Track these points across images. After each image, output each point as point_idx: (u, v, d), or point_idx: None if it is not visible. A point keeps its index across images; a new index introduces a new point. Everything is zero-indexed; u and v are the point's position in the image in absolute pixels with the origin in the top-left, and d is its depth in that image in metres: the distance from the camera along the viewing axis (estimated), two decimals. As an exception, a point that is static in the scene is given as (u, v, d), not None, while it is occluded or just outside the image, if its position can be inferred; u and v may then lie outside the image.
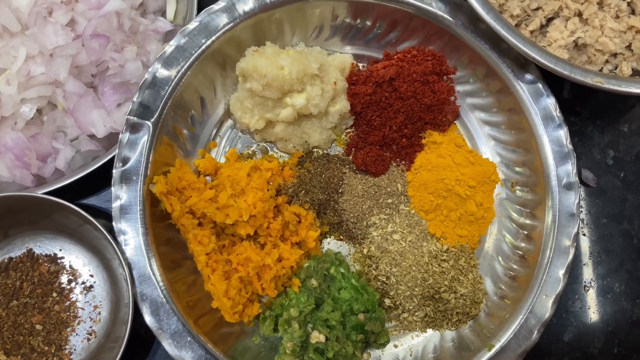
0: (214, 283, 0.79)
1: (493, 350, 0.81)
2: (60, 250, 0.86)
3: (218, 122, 0.91)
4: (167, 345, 0.76)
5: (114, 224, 0.78)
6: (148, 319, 0.76)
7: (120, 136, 0.79)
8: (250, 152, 0.91)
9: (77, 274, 0.86)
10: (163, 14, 0.90)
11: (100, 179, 0.84)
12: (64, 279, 0.85)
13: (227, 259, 0.82)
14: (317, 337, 0.79)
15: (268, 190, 0.83)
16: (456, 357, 0.84)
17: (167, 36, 0.90)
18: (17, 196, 0.77)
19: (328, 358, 0.79)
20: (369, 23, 0.91)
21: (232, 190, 0.82)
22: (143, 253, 0.78)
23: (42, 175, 0.83)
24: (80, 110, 0.82)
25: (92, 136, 0.86)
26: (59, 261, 0.86)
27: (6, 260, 0.84)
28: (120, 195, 0.78)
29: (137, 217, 0.79)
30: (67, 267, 0.86)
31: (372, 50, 0.95)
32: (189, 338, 0.77)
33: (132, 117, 0.79)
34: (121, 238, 0.78)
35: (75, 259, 0.86)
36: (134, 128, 0.80)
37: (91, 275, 0.86)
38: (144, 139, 0.80)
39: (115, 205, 0.78)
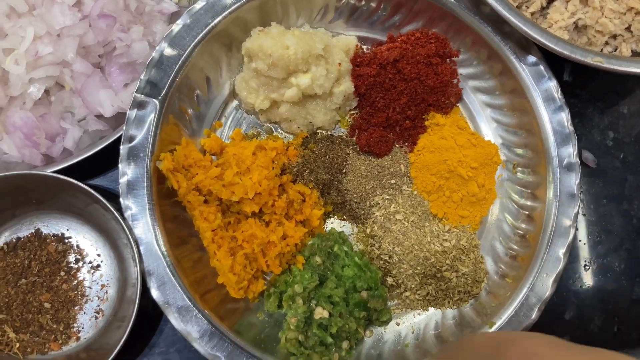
0: (220, 259, 0.80)
1: (494, 328, 0.82)
2: (68, 230, 0.87)
3: (223, 103, 0.92)
4: (174, 320, 0.77)
5: (120, 200, 0.79)
6: (155, 293, 0.77)
7: (127, 113, 0.80)
8: (255, 133, 0.93)
9: (84, 253, 0.87)
10: (166, -6, 0.91)
11: (107, 160, 0.86)
12: (71, 258, 0.86)
13: (233, 235, 0.83)
14: (320, 313, 0.80)
15: (273, 168, 0.84)
16: (457, 334, 0.85)
17: (172, 18, 0.91)
18: (26, 174, 0.78)
19: (331, 333, 0.80)
20: (373, 5, 0.92)
21: (238, 168, 0.83)
22: (150, 229, 0.79)
23: (50, 155, 0.84)
24: (87, 90, 0.83)
25: (99, 116, 0.87)
26: (66, 241, 0.87)
27: (14, 240, 0.85)
28: (127, 172, 0.79)
29: (143, 193, 0.80)
30: (75, 246, 0.87)
31: (376, 32, 0.96)
32: (195, 312, 0.78)
33: (139, 95, 0.80)
34: (128, 214, 0.79)
35: (82, 238, 0.87)
36: (141, 105, 0.81)
37: (98, 255, 0.87)
38: (150, 116, 0.81)
39: (123, 181, 0.79)
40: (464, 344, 0.56)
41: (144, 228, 0.79)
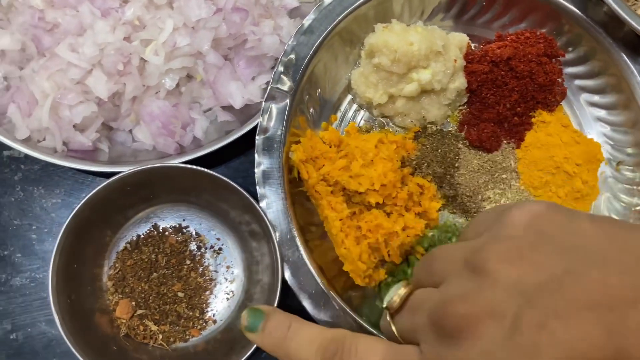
0: (348, 247, 0.83)
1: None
2: (184, 220, 0.90)
3: (338, 98, 0.95)
4: (307, 305, 0.80)
5: (257, 188, 0.81)
6: (289, 278, 0.80)
7: (262, 105, 0.83)
8: (368, 127, 0.95)
9: (204, 239, 0.89)
10: (284, -12, 0.93)
11: (226, 150, 0.88)
12: (192, 246, 0.88)
13: (357, 225, 0.85)
14: (441, 301, 0.83)
15: (397, 161, 0.86)
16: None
17: (292, 12, 0.93)
18: (173, 167, 0.81)
19: (451, 322, 0.83)
20: (483, 4, 0.95)
21: (362, 160, 0.85)
22: (284, 217, 0.82)
23: (181, 144, 0.87)
24: (219, 81, 0.86)
25: (225, 107, 0.89)
26: (184, 230, 0.89)
27: (135, 238, 0.88)
28: (263, 162, 0.82)
29: (277, 182, 0.82)
30: (194, 234, 0.89)
31: (483, 31, 0.99)
32: (326, 298, 0.80)
33: (275, 87, 0.83)
34: (263, 203, 0.81)
35: (199, 225, 0.90)
36: (275, 98, 0.83)
37: (218, 239, 0.90)
38: (284, 108, 0.84)
39: (258, 170, 0.82)
40: (471, 222, 0.58)
41: (278, 215, 0.82)
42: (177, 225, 0.89)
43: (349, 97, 0.95)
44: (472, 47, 0.98)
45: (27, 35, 0.82)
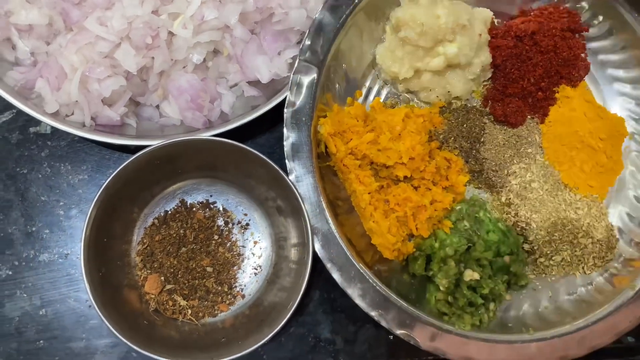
0: (377, 220, 0.83)
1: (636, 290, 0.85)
2: (211, 196, 0.90)
3: (362, 74, 0.94)
4: (337, 277, 0.80)
5: (286, 162, 0.81)
6: (320, 250, 0.80)
7: (291, 78, 0.83)
8: (394, 102, 0.95)
9: (232, 215, 0.89)
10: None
11: (253, 124, 0.88)
12: (220, 221, 0.88)
13: (386, 199, 0.85)
14: (471, 275, 0.83)
15: (425, 134, 0.86)
16: (595, 297, 0.88)
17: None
18: (205, 140, 0.80)
19: (482, 294, 0.83)
20: (507, -21, 0.95)
21: (390, 134, 0.85)
22: (314, 190, 0.81)
23: (209, 119, 0.86)
24: (246, 56, 0.85)
25: (250, 82, 0.89)
26: (212, 206, 0.89)
27: (162, 214, 0.87)
28: (291, 135, 0.82)
29: (306, 156, 0.82)
30: (221, 209, 0.89)
31: (505, 7, 0.98)
32: (355, 270, 0.80)
33: (303, 61, 0.83)
34: (292, 176, 0.81)
35: (226, 201, 0.90)
36: (303, 71, 0.83)
37: (245, 214, 0.89)
38: (312, 82, 0.83)
39: (287, 143, 0.82)
40: None
41: (308, 188, 0.81)
42: (205, 201, 0.89)
43: (374, 72, 0.95)
44: (496, 23, 0.98)
45: (55, 10, 0.82)
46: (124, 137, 0.82)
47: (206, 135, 0.82)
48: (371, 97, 0.95)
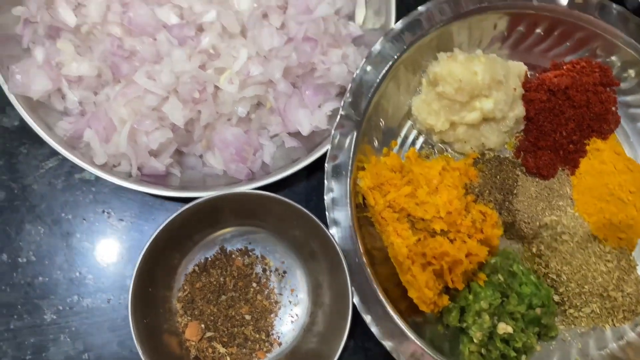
0: (415, 274, 0.85)
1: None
2: (250, 243, 0.92)
3: (398, 124, 0.97)
4: (374, 329, 0.82)
5: (327, 214, 0.83)
6: (358, 303, 0.81)
7: (332, 133, 0.85)
8: (428, 152, 0.97)
9: (270, 262, 0.91)
10: (350, 18, 0.95)
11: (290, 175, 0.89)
12: (258, 269, 0.90)
13: (422, 252, 0.87)
14: (504, 328, 0.85)
15: (462, 188, 0.88)
16: (627, 354, 0.89)
17: (356, 40, 0.95)
18: (249, 194, 0.83)
19: (515, 347, 0.85)
20: (540, 32, 0.97)
21: (428, 187, 0.87)
22: (351, 241, 0.83)
23: (251, 170, 0.88)
24: (289, 109, 0.88)
25: (290, 133, 0.91)
26: (250, 253, 0.91)
27: (202, 261, 0.89)
28: (332, 188, 0.84)
29: (346, 207, 0.84)
30: (259, 257, 0.91)
31: (536, 59, 1.00)
32: (392, 323, 0.82)
33: (344, 116, 0.85)
34: (333, 229, 0.83)
35: (264, 248, 0.92)
36: (344, 125, 0.85)
37: (283, 262, 0.91)
38: (351, 136, 0.86)
39: (328, 197, 0.84)
40: None
41: (347, 240, 0.83)
42: (243, 248, 0.91)
43: (409, 122, 0.97)
44: (528, 75, 1.00)
45: (105, 62, 0.84)
46: (169, 188, 0.84)
47: (248, 187, 0.84)
48: (406, 146, 0.97)
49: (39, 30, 0.87)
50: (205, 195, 0.81)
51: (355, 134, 0.86)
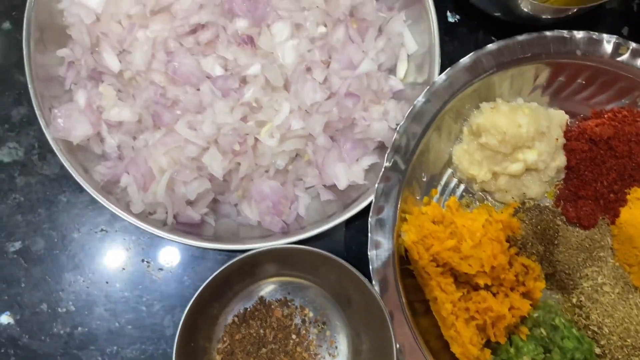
0: (459, 330, 0.84)
1: None
2: (289, 293, 0.91)
3: (439, 172, 0.96)
4: (419, 387, 0.81)
5: (370, 267, 0.83)
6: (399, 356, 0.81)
7: (376, 186, 0.84)
8: (468, 201, 0.96)
9: (309, 313, 0.90)
10: (391, 71, 0.95)
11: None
12: (297, 320, 0.89)
13: (466, 306, 0.86)
14: (548, 383, 0.84)
15: (506, 241, 0.87)
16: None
17: (396, 95, 0.94)
18: (289, 249, 0.82)
19: (558, 403, 0.84)
20: (582, 82, 0.96)
21: (471, 241, 0.86)
22: (394, 294, 0.83)
23: (286, 221, 0.88)
24: (327, 163, 0.87)
25: (326, 185, 0.90)
26: (289, 304, 0.90)
27: (242, 311, 0.88)
28: (376, 242, 0.83)
29: (389, 261, 0.83)
30: (298, 307, 0.90)
31: (577, 107, 0.99)
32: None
33: (388, 169, 0.84)
34: (376, 282, 0.82)
35: (303, 299, 0.91)
36: (387, 179, 0.85)
37: (322, 313, 0.90)
38: (395, 190, 0.85)
39: (372, 254, 0.83)
40: None
41: (389, 293, 0.83)
42: (283, 299, 0.90)
43: (449, 170, 0.96)
44: (568, 122, 0.99)
45: (147, 110, 0.83)
46: (203, 239, 0.83)
47: (283, 241, 0.83)
48: (446, 194, 0.96)
49: (82, 72, 0.86)
50: (238, 247, 0.81)
51: (398, 187, 0.85)
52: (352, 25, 0.88)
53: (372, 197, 0.85)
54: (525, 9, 0.91)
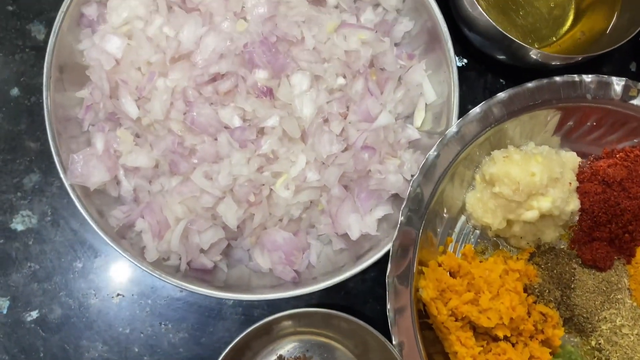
0: (481, 384, 0.84)
1: None
2: (307, 350, 0.91)
3: (452, 219, 0.95)
4: None
5: (390, 328, 0.82)
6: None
7: (392, 244, 0.84)
8: (483, 247, 0.96)
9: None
10: (407, 118, 0.94)
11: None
12: (315, 378, 0.89)
13: (486, 359, 0.86)
14: None
15: (524, 292, 0.87)
16: None
17: (411, 144, 0.94)
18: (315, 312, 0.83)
19: None
20: (593, 123, 0.96)
21: (489, 293, 0.86)
22: (414, 351, 0.82)
23: (297, 270, 0.87)
24: (340, 213, 0.86)
25: (338, 234, 0.90)
26: (308, 361, 0.90)
27: None
28: (395, 300, 0.83)
29: (408, 317, 0.83)
30: (316, 365, 0.90)
31: (587, 147, 0.99)
32: None
33: (404, 224, 0.84)
34: (395, 339, 0.82)
35: (322, 355, 0.91)
36: (404, 236, 0.84)
37: (341, 374, 0.90)
38: (411, 245, 0.85)
39: (391, 315, 0.82)
40: None
41: (410, 351, 0.82)
42: (302, 356, 0.90)
43: (463, 217, 0.96)
44: (580, 164, 0.99)
45: (164, 158, 0.83)
46: (215, 288, 0.82)
47: (295, 292, 0.82)
48: (461, 240, 0.96)
49: (100, 114, 0.86)
50: (249, 297, 0.81)
51: (414, 242, 0.85)
52: (371, 77, 0.87)
53: (385, 249, 0.84)
54: (534, 57, 0.91)
